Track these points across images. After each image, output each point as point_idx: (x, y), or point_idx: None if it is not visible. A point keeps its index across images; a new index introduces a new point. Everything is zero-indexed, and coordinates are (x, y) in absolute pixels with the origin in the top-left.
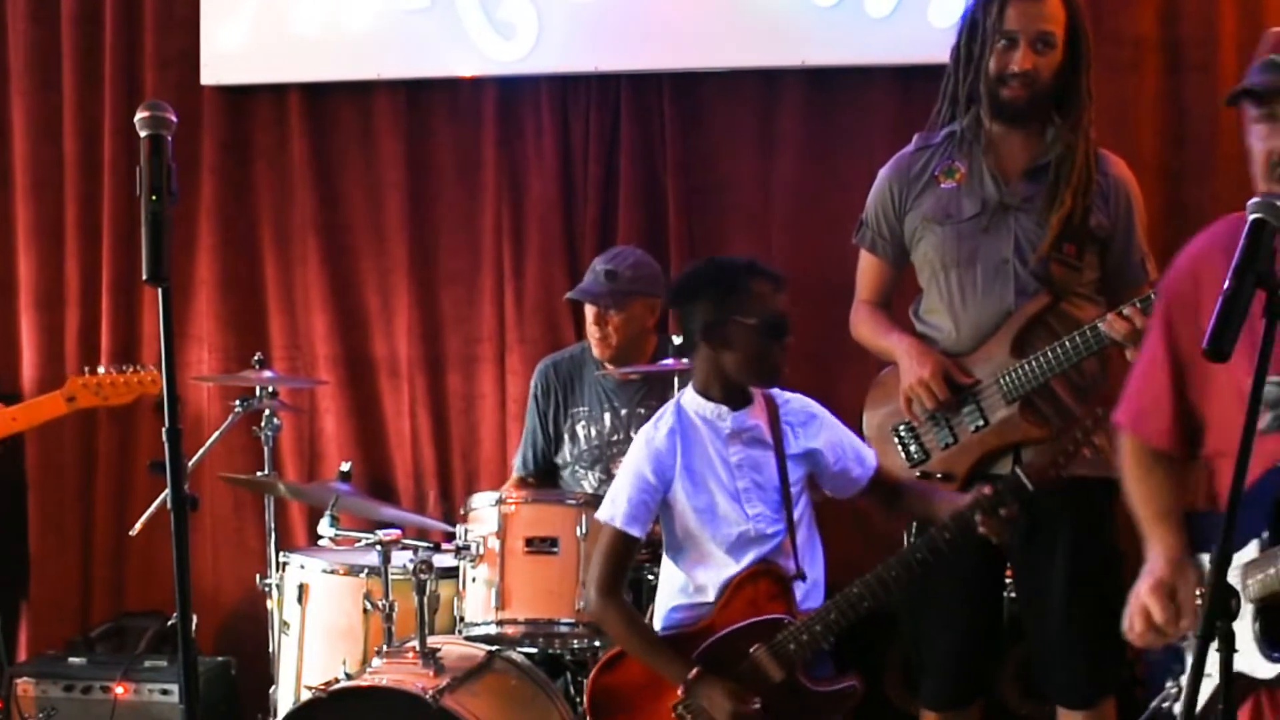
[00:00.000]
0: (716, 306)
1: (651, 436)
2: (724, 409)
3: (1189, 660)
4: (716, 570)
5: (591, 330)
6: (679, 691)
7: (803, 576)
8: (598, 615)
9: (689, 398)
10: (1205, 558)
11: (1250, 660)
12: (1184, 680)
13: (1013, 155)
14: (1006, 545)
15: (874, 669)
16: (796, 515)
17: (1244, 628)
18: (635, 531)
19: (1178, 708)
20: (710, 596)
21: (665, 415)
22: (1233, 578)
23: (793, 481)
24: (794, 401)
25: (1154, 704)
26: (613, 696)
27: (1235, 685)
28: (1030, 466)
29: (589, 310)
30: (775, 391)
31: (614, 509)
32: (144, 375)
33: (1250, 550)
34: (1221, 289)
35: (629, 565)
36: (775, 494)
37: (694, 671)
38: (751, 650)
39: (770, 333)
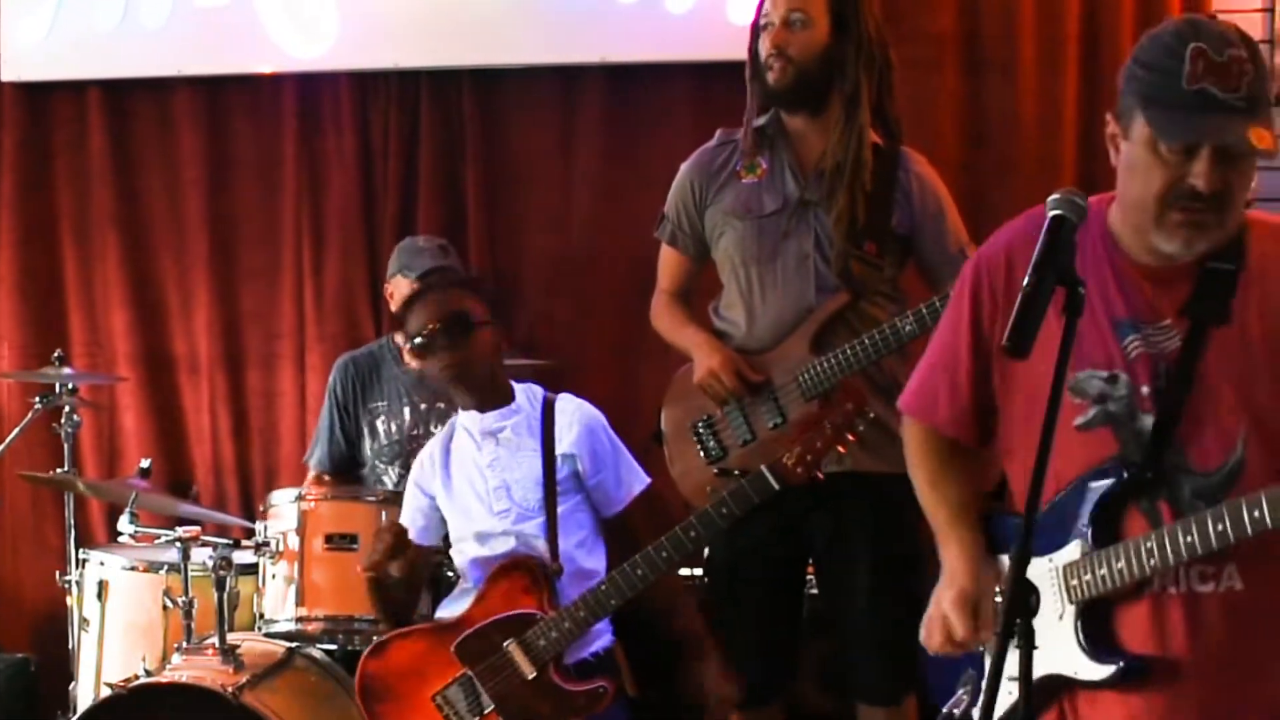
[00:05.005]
0: None
1: (428, 450)
2: (475, 414)
3: (986, 662)
4: (476, 564)
5: None
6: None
7: (560, 571)
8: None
9: (462, 413)
10: (1005, 559)
11: (1073, 662)
12: (981, 684)
13: (812, 151)
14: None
15: (676, 668)
16: (562, 511)
17: (1065, 629)
18: (412, 534)
19: (976, 713)
20: (471, 586)
21: (445, 428)
22: (1050, 578)
23: (559, 479)
24: (570, 404)
25: (945, 710)
26: (379, 682)
27: (1044, 687)
28: (778, 465)
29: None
30: (562, 395)
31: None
32: None
33: (1071, 550)
34: None
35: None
36: (536, 489)
37: None
38: (504, 644)
39: (415, 353)
